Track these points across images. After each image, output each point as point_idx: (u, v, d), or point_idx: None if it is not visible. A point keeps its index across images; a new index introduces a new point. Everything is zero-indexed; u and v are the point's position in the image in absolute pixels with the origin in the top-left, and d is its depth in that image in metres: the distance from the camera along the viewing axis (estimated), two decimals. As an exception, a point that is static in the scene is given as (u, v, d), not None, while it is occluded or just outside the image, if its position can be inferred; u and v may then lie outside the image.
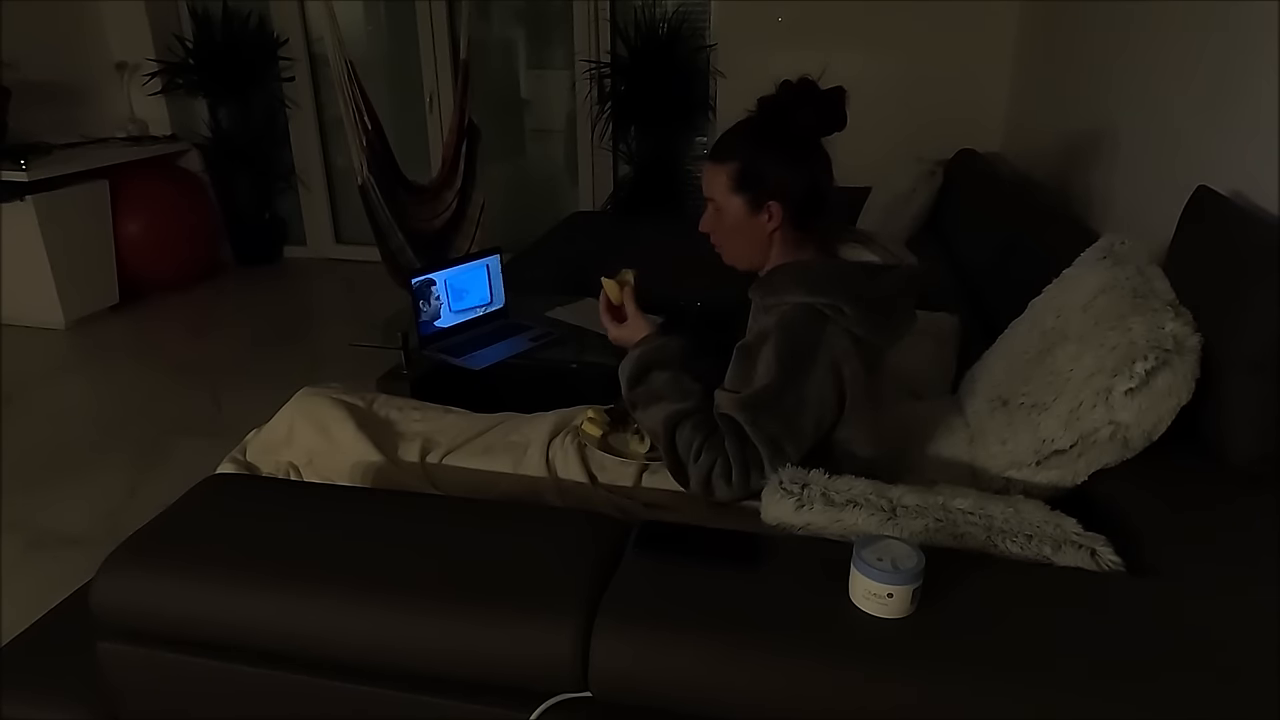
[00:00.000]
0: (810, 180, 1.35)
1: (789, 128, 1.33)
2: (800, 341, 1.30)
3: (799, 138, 1.34)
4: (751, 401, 1.30)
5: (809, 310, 1.31)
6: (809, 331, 1.30)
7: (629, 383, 1.40)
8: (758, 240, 1.39)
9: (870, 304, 1.31)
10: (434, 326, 2.31)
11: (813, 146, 1.35)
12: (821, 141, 1.35)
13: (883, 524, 1.12)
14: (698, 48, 4.12)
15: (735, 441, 1.30)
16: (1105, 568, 1.07)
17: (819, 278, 1.33)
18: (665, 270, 3.29)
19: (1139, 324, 1.25)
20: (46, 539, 2.37)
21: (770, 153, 1.35)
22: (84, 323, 4.03)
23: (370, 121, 3.21)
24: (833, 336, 1.30)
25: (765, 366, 1.31)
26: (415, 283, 2.25)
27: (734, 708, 0.92)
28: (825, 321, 1.30)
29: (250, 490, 1.30)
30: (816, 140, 1.35)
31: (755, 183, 1.35)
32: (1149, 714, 0.85)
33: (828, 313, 1.30)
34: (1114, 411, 1.22)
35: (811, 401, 1.30)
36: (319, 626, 1.02)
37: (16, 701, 1.23)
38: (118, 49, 4.51)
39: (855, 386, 1.31)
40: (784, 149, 1.34)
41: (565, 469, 1.49)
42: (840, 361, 1.30)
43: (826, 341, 1.30)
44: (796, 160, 1.34)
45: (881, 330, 1.33)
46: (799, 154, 1.34)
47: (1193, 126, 1.88)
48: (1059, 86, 3.03)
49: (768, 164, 1.35)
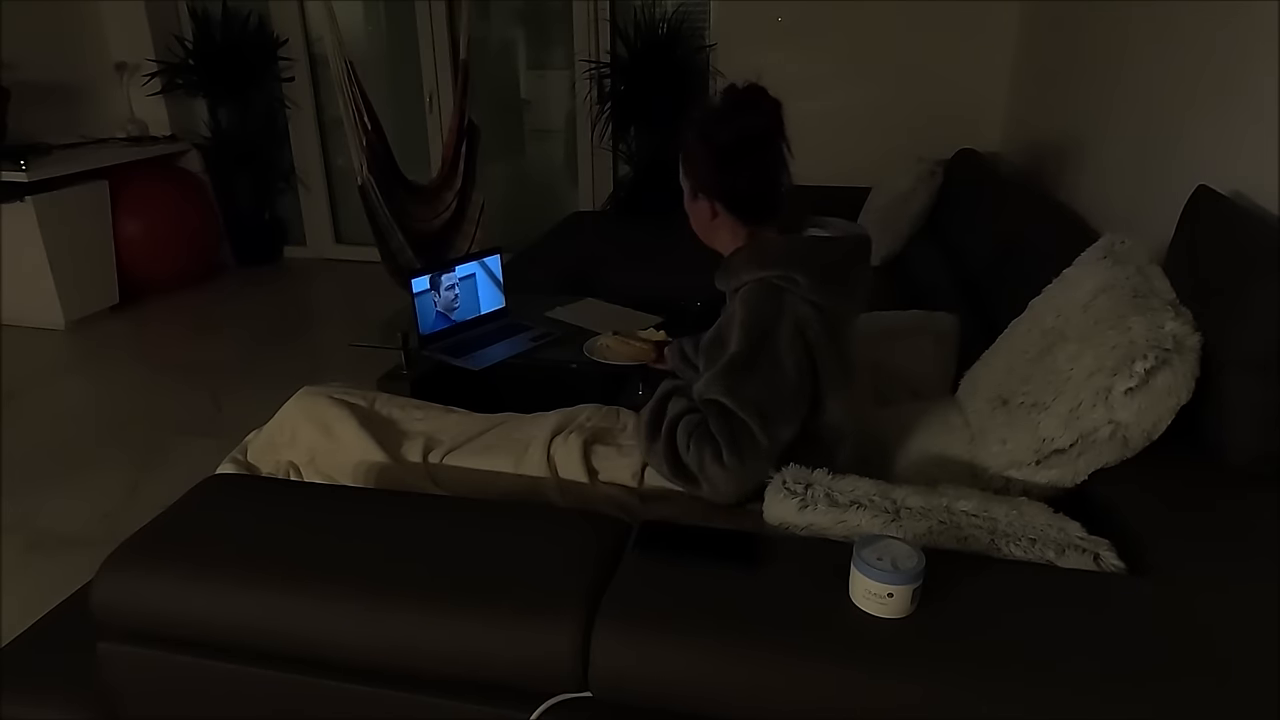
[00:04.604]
0: (745, 182, 1.39)
1: (729, 133, 1.36)
2: (762, 314, 1.33)
3: (738, 143, 1.36)
4: (725, 370, 1.33)
5: (766, 284, 1.34)
6: (769, 303, 1.33)
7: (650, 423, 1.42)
8: (704, 223, 1.45)
9: (824, 271, 1.34)
10: (448, 320, 2.33)
11: (751, 149, 1.37)
12: (773, 140, 1.38)
13: (886, 525, 1.12)
14: (697, 48, 4.12)
15: (720, 420, 1.32)
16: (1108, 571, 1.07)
17: (769, 253, 1.36)
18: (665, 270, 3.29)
19: (1139, 323, 1.25)
20: (46, 539, 2.37)
21: (700, 152, 1.39)
22: (84, 323, 4.03)
23: (370, 121, 3.21)
24: (791, 305, 1.33)
25: (735, 343, 1.34)
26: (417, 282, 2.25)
27: (734, 708, 0.92)
28: (782, 293, 1.33)
29: (250, 490, 1.30)
30: (760, 145, 1.37)
31: (693, 175, 1.42)
32: (1149, 714, 0.85)
33: (783, 284, 1.33)
34: (1114, 411, 1.22)
35: (786, 366, 1.32)
36: (319, 627, 1.02)
37: (16, 701, 1.23)
38: (118, 49, 4.51)
39: (823, 353, 1.34)
40: (712, 152, 1.38)
41: (566, 468, 1.49)
42: (803, 326, 1.33)
43: (787, 310, 1.33)
44: (726, 164, 1.38)
45: (837, 296, 1.36)
46: (728, 158, 1.37)
47: (1193, 126, 1.88)
48: (1059, 86, 3.03)
49: (698, 162, 1.40)
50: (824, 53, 3.88)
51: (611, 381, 2.14)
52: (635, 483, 1.47)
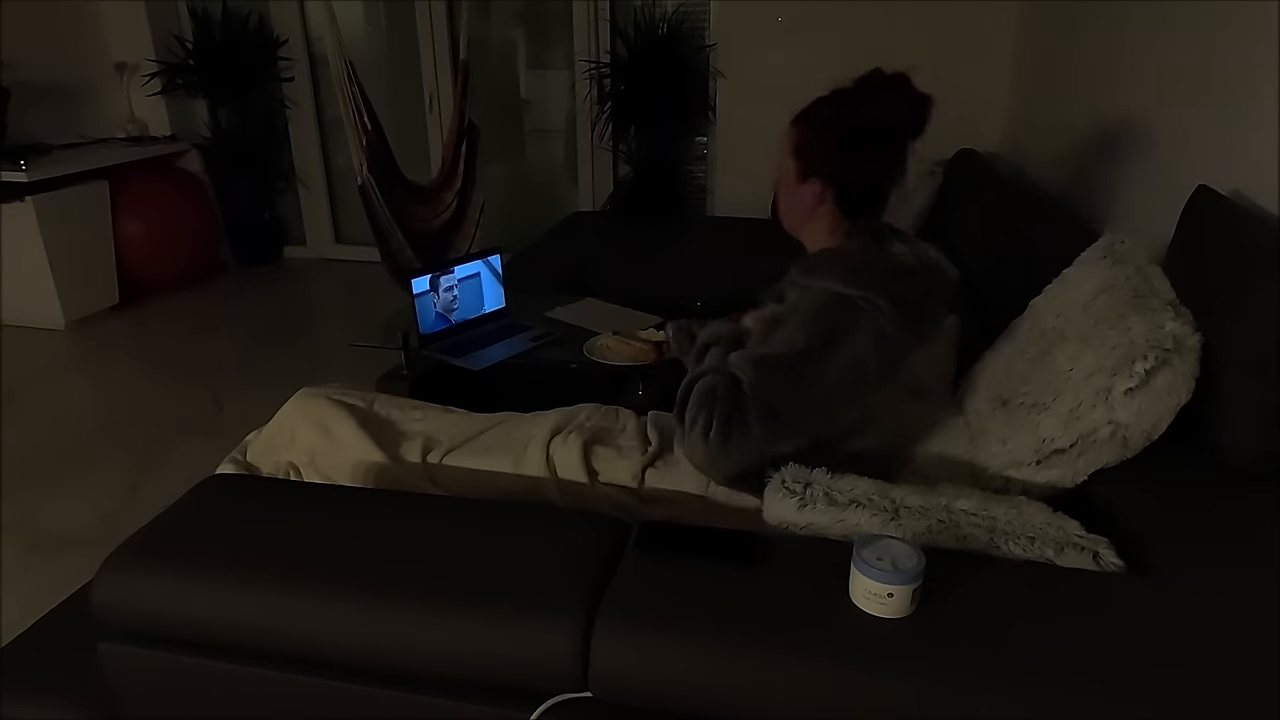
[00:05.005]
0: (865, 174, 1.34)
1: (858, 117, 1.32)
2: (831, 326, 1.30)
3: (866, 130, 1.32)
4: (764, 361, 1.30)
5: (846, 300, 1.30)
6: (841, 319, 1.30)
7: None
8: (802, 208, 1.41)
9: (906, 304, 1.31)
10: (448, 320, 2.33)
11: (881, 142, 1.33)
12: (907, 133, 1.33)
13: (885, 524, 1.12)
14: (697, 48, 4.12)
15: (729, 395, 1.28)
16: (1108, 571, 1.07)
17: (862, 271, 1.32)
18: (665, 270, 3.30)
19: (1139, 323, 1.25)
20: (46, 539, 2.37)
21: (830, 135, 1.34)
22: (84, 323, 4.03)
23: (370, 121, 3.21)
24: (863, 331, 1.29)
25: (788, 337, 1.31)
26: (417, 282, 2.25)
27: (734, 708, 0.92)
28: (859, 314, 1.30)
29: (250, 490, 1.30)
30: (890, 137, 1.33)
31: (807, 156, 1.36)
32: (1149, 714, 0.85)
33: (864, 306, 1.29)
34: (1114, 411, 1.22)
35: (828, 382, 1.29)
36: (319, 627, 1.02)
37: (16, 701, 1.23)
38: (117, 49, 4.50)
39: (874, 384, 1.32)
40: (845, 136, 1.33)
41: (565, 468, 1.49)
42: (864, 356, 1.30)
43: (857, 334, 1.29)
44: (854, 151, 1.33)
45: (908, 332, 1.33)
46: (860, 145, 1.33)
47: (1193, 126, 1.88)
48: (1059, 86, 3.03)
49: (824, 144, 1.35)
50: (824, 53, 3.87)
51: (611, 381, 2.14)
52: (635, 484, 1.47)
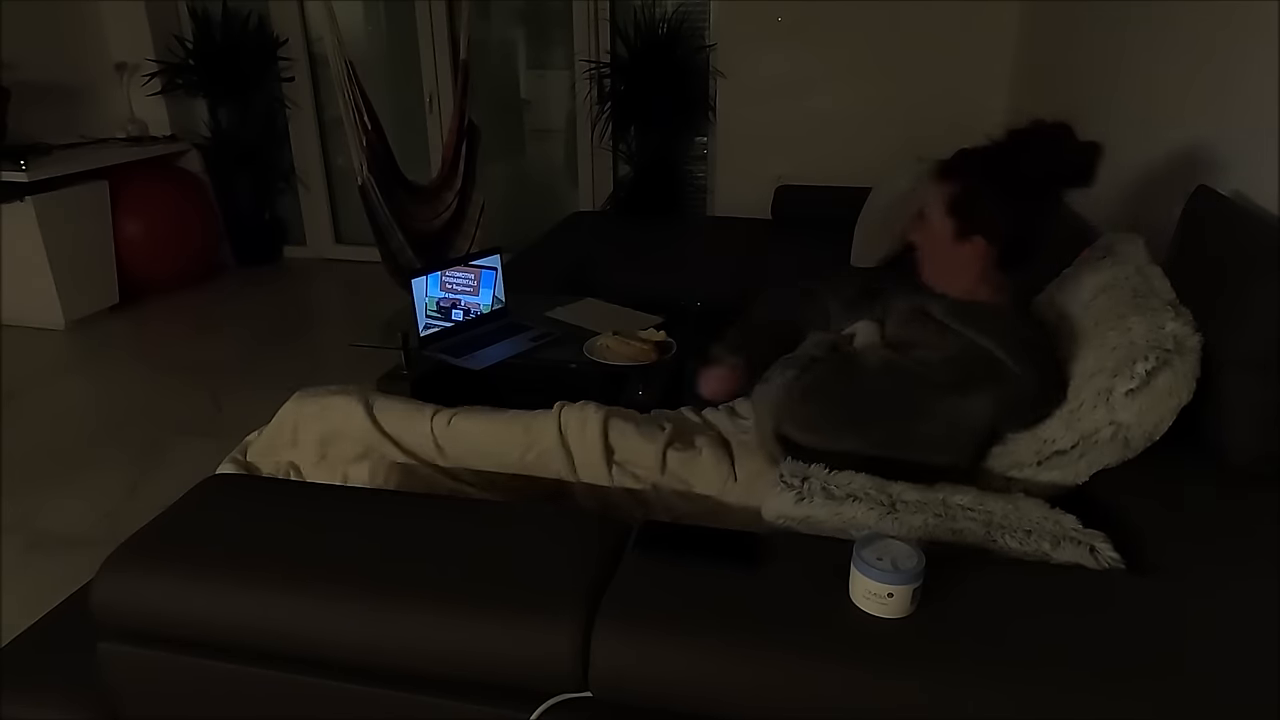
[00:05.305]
0: (1027, 229, 1.30)
1: (1024, 169, 1.27)
2: (972, 379, 1.28)
3: (1032, 183, 1.28)
4: (891, 366, 1.30)
5: (1000, 368, 1.27)
6: (986, 380, 1.28)
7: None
8: (955, 266, 1.36)
9: (1048, 386, 1.29)
10: (448, 320, 2.33)
11: (1044, 195, 1.29)
12: (1060, 194, 1.30)
13: (882, 518, 1.12)
14: (697, 48, 4.12)
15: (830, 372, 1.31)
16: (1104, 564, 1.07)
17: (1027, 347, 1.28)
18: (665, 270, 3.30)
19: (1139, 324, 1.25)
20: (46, 539, 2.37)
21: (994, 189, 1.29)
22: (84, 323, 4.03)
23: (370, 121, 3.21)
24: (999, 401, 1.28)
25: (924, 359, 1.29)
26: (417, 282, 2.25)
27: (734, 708, 0.92)
28: (1004, 385, 1.27)
29: (250, 490, 1.30)
30: (1051, 189, 1.29)
31: (968, 212, 1.31)
32: (1149, 713, 0.85)
33: (1013, 382, 1.27)
34: (1115, 412, 1.22)
35: (928, 417, 1.28)
36: (319, 627, 1.02)
37: (16, 701, 1.22)
38: (118, 49, 4.50)
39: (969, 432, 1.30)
40: (1010, 189, 1.28)
41: (581, 439, 1.45)
42: (983, 415, 1.29)
43: (990, 398, 1.28)
44: (1019, 205, 1.29)
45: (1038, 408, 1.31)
46: (1025, 199, 1.29)
47: (1193, 126, 1.88)
48: (1059, 87, 3.03)
49: (987, 198, 1.29)
50: (824, 53, 3.88)
51: (611, 381, 2.14)
52: (657, 465, 1.42)
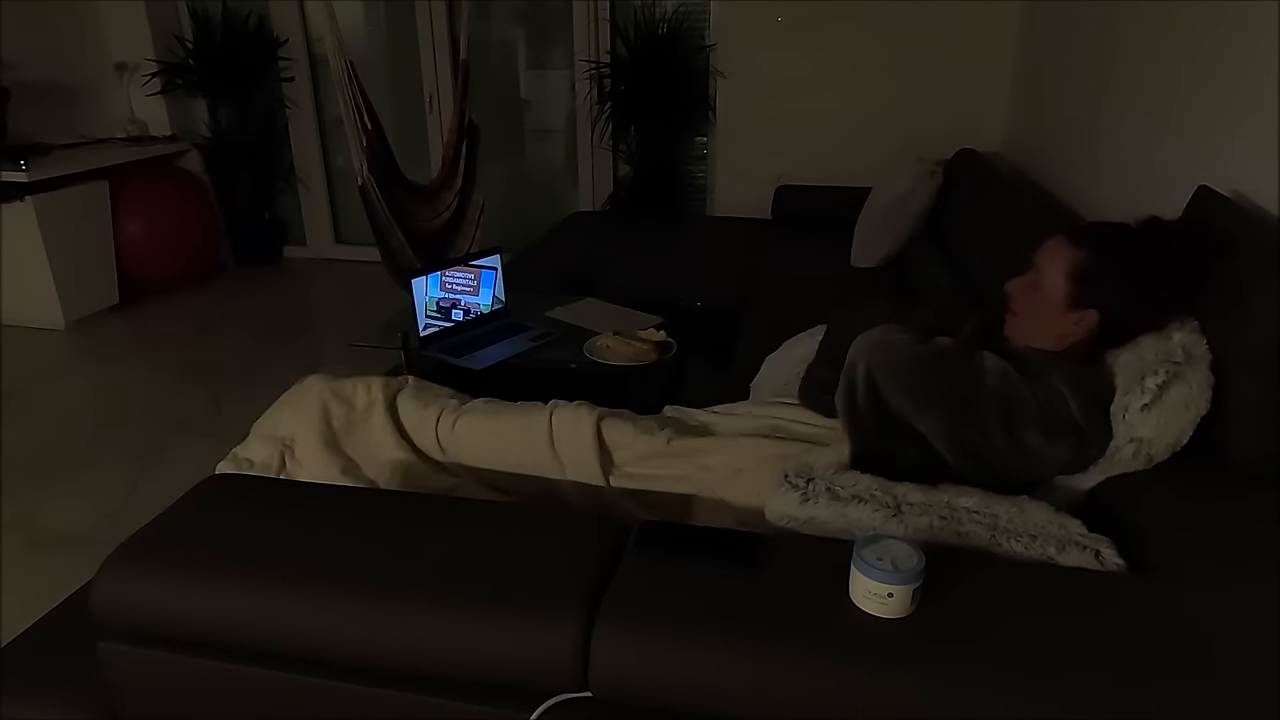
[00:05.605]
0: (1137, 315, 1.33)
1: (1155, 260, 1.31)
2: (1037, 422, 1.29)
3: (1158, 274, 1.31)
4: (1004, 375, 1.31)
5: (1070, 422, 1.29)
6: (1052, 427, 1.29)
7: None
8: (1055, 329, 1.37)
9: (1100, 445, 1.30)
10: (448, 320, 2.33)
11: (1161, 288, 1.32)
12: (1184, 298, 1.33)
13: (887, 520, 1.12)
14: (697, 48, 4.12)
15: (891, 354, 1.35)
16: (1109, 570, 1.07)
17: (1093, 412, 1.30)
18: (665, 270, 3.30)
19: (1147, 338, 1.25)
20: (46, 539, 2.37)
21: (1124, 269, 1.32)
22: (84, 323, 4.03)
23: (370, 121, 3.21)
24: (1056, 443, 1.29)
25: (986, 390, 1.31)
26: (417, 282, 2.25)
27: (734, 708, 0.92)
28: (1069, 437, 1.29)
29: (250, 490, 1.30)
30: (1167, 283, 1.32)
31: (1090, 283, 1.33)
32: (1150, 714, 0.85)
33: (1079, 438, 1.29)
34: (1133, 429, 1.23)
35: (989, 430, 1.29)
36: (319, 627, 1.02)
37: (16, 701, 1.22)
38: (118, 49, 4.50)
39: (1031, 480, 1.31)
40: (1138, 275, 1.31)
41: (571, 438, 1.49)
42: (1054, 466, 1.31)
43: (1050, 437, 1.29)
44: (1141, 291, 1.32)
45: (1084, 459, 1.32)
46: (1147, 287, 1.32)
47: (1193, 126, 1.88)
48: (1059, 86, 3.03)
49: (1115, 276, 1.32)
50: (824, 53, 3.88)
51: (611, 381, 2.14)
52: (657, 464, 1.45)
